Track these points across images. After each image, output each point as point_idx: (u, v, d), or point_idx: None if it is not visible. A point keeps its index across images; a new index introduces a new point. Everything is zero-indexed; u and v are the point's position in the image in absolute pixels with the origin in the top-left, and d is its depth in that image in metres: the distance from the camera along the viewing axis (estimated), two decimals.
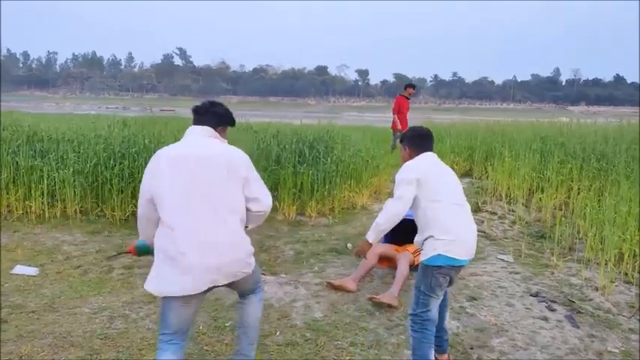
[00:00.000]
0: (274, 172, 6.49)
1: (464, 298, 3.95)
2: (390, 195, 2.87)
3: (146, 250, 2.65)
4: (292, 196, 6.32)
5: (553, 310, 3.75)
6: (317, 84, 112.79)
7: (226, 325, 3.43)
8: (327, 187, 6.54)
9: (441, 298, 2.78)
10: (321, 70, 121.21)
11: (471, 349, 3.19)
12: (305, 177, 6.39)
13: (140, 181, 2.48)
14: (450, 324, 3.50)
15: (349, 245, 5.28)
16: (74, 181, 5.97)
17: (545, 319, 3.61)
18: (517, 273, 4.58)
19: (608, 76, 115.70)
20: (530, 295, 4.03)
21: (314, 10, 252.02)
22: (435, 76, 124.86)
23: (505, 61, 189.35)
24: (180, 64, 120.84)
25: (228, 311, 3.62)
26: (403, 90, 10.76)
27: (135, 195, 5.95)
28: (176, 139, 7.16)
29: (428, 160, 2.86)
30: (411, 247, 4.42)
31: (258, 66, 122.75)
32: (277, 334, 3.34)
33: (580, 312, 3.73)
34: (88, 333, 3.29)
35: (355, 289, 4.03)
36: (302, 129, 8.98)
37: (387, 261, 4.52)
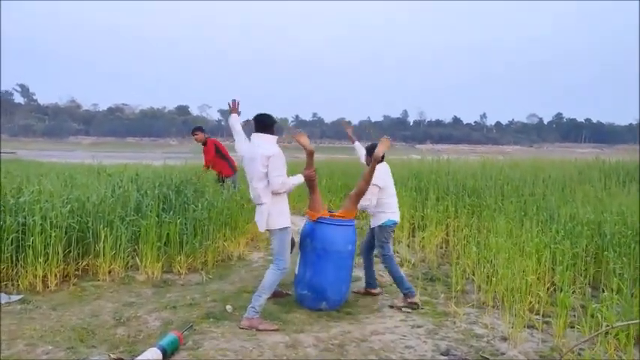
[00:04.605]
0: (134, 223, 5.47)
1: None
2: None
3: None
4: (157, 250, 5.34)
5: None
6: (178, 124, 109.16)
7: None
8: (198, 237, 5.67)
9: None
10: (182, 109, 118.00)
11: None
12: (172, 227, 5.48)
13: None
14: None
15: (229, 308, 4.46)
16: None
17: None
18: (419, 326, 4.15)
19: (447, 118, 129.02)
20: (442, 355, 3.58)
21: (179, 45, 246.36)
22: (297, 116, 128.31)
23: (360, 103, 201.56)
24: (22, 103, 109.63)
25: None
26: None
27: None
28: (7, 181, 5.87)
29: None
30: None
31: (113, 105, 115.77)
32: None
33: None
34: None
35: None
36: (166, 170, 8.00)
37: None
